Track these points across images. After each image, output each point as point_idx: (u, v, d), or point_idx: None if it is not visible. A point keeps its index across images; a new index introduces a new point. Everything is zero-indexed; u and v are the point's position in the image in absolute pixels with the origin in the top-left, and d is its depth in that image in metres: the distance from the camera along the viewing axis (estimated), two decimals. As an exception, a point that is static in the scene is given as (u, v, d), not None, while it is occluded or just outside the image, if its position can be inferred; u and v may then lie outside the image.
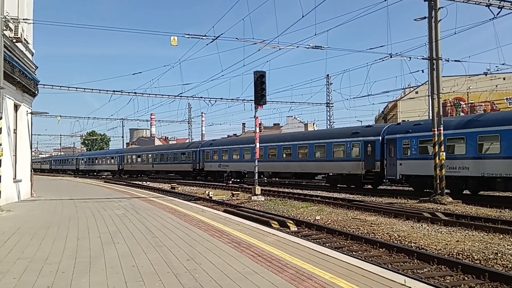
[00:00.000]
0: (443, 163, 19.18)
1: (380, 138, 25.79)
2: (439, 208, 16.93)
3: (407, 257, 8.85)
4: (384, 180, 27.79)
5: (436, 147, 19.26)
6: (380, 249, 9.60)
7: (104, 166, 68.16)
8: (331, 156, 28.84)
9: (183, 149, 48.54)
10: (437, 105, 19.70)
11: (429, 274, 7.61)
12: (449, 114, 60.94)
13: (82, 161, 77.37)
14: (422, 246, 9.95)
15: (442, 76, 20.18)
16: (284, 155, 33.17)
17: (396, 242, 10.50)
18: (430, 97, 20.75)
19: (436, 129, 19.34)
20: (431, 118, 20.62)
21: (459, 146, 20.96)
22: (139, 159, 57.56)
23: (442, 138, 19.33)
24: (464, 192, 21.13)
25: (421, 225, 12.87)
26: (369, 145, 26.23)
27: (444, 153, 19.26)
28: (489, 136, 19.79)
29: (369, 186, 27.43)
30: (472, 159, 20.11)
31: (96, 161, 71.43)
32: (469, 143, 20.30)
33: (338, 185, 28.70)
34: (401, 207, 16.79)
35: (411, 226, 12.69)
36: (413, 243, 10.34)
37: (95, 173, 71.48)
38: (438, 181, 19.09)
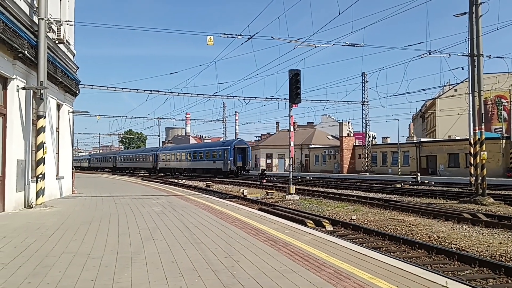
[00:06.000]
0: (484, 162, 18.61)
1: (157, 152, 64.12)
2: (480, 209, 16.44)
3: (447, 258, 8.63)
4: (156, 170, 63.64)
5: (477, 146, 18.72)
6: (419, 250, 9.41)
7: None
8: (146, 160, 67.45)
9: None
10: (478, 103, 19.13)
11: (471, 277, 7.41)
12: (490, 112, 58.95)
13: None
14: (463, 248, 9.70)
15: (483, 73, 19.57)
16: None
17: (435, 243, 10.27)
18: (470, 94, 20.17)
19: (476, 127, 18.79)
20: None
21: (186, 156, 57.18)
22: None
23: (483, 137, 18.75)
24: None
25: (462, 226, 12.53)
26: (153, 155, 64.74)
27: (485, 152, 18.70)
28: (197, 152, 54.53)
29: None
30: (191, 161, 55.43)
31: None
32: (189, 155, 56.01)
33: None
34: (440, 208, 16.40)
35: (451, 227, 12.39)
36: (453, 244, 10.09)
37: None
38: (479, 181, 18.54)
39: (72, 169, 19.62)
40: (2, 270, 5.44)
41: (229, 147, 47.12)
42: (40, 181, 12.85)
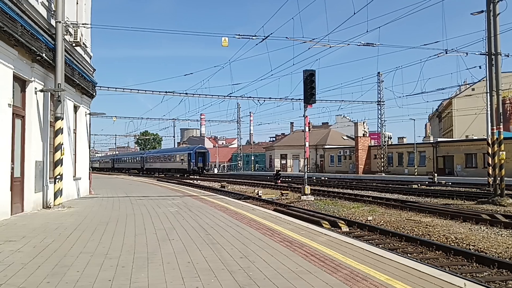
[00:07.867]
0: (503, 162, 18.33)
1: (144, 155, 77.34)
2: (498, 209, 16.20)
3: (465, 260, 8.52)
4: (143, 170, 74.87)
5: (495, 146, 18.44)
6: (437, 252, 9.30)
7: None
8: (136, 162, 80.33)
9: None
10: (495, 102, 18.85)
11: (490, 278, 7.31)
12: (508, 112, 58.08)
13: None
14: (481, 249, 9.57)
15: (501, 72, 19.25)
16: None
17: (453, 244, 10.15)
18: (488, 94, 19.88)
19: (495, 127, 18.52)
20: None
21: (163, 158, 70.56)
22: None
23: (502, 136, 18.46)
24: None
25: (480, 227, 12.36)
26: (141, 157, 77.84)
27: (504, 152, 18.42)
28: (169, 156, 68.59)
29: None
30: (167, 162, 68.33)
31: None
32: (164, 157, 69.94)
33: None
34: (457, 209, 16.19)
35: (469, 228, 12.22)
36: (472, 245, 9.96)
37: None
38: (497, 182, 18.26)
39: (89, 170, 19.85)
40: (22, 270, 5.53)
41: (192, 151, 61.29)
42: (58, 182, 13.01)
